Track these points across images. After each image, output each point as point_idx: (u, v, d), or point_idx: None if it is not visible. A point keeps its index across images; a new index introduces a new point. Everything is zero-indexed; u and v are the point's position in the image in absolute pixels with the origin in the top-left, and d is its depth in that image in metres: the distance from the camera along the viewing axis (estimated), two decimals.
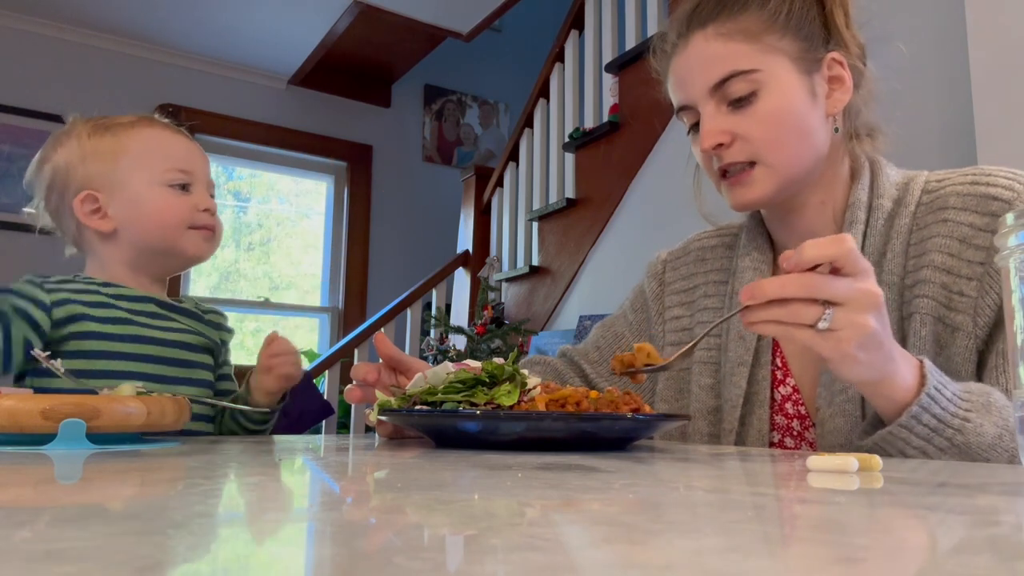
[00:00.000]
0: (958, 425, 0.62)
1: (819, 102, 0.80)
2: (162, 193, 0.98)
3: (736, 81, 0.78)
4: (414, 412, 0.67)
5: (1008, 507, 0.36)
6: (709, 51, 0.80)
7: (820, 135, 0.80)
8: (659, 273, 1.03)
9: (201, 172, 1.03)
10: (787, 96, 0.78)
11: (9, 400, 0.61)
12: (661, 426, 0.71)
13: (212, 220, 1.02)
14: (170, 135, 1.03)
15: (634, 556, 0.23)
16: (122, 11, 3.72)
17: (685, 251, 1.02)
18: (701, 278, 0.97)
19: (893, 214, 0.80)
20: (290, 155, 4.43)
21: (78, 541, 0.24)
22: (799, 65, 0.79)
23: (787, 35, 0.79)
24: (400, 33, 3.94)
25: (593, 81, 3.31)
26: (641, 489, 0.40)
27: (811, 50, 0.80)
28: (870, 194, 0.82)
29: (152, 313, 0.98)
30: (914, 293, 0.75)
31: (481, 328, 3.24)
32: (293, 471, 0.53)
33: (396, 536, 0.27)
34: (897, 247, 0.78)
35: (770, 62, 0.78)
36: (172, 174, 0.99)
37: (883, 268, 0.78)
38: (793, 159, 0.80)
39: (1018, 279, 0.47)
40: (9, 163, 3.56)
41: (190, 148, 1.03)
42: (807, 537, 0.27)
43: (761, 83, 0.78)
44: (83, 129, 0.99)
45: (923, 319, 0.74)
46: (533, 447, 0.64)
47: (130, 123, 1.01)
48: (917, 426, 0.63)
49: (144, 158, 0.99)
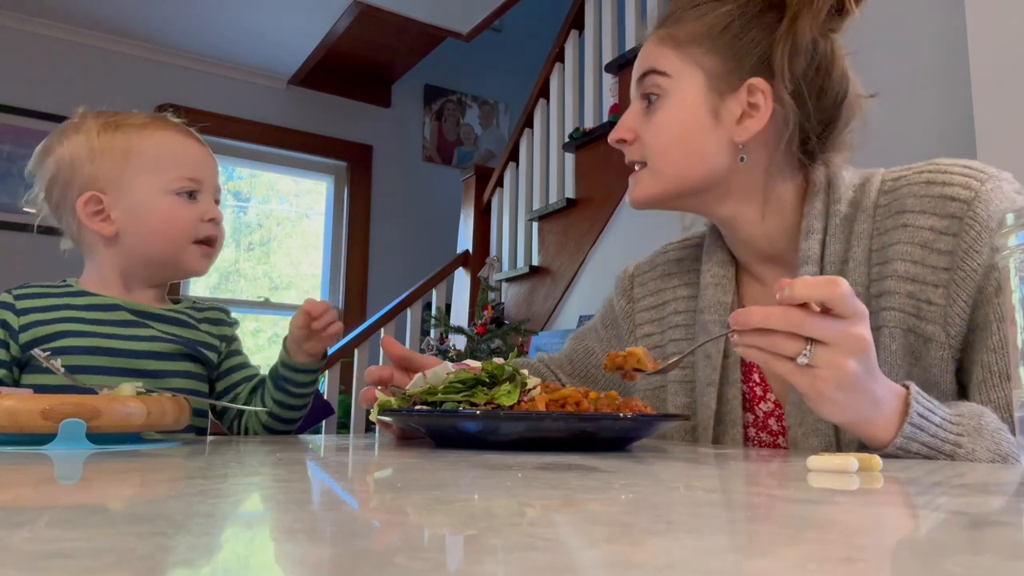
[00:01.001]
0: (949, 451, 0.61)
1: (723, 125, 0.79)
2: (168, 202, 0.96)
3: (649, 79, 0.82)
4: (414, 412, 0.67)
5: (1008, 507, 0.36)
6: (647, 49, 0.84)
7: (714, 156, 0.79)
8: (627, 289, 1.03)
9: (210, 179, 1.00)
10: (684, 111, 0.80)
11: (9, 400, 0.61)
12: (661, 426, 0.71)
13: (216, 231, 1.00)
14: (182, 139, 1.00)
15: (634, 556, 0.23)
16: (122, 11, 3.72)
17: (652, 265, 1.02)
18: (670, 293, 0.96)
19: (851, 218, 0.78)
20: (290, 155, 4.43)
21: (78, 541, 0.24)
22: (711, 83, 0.79)
23: (712, 52, 0.79)
24: (400, 33, 3.94)
25: (593, 81, 3.31)
26: (641, 489, 0.40)
27: (733, 72, 0.78)
28: (826, 200, 0.80)
29: (123, 322, 0.94)
30: (880, 305, 0.73)
31: (481, 328, 3.24)
32: (293, 471, 0.52)
33: (396, 536, 0.27)
34: (859, 254, 0.76)
35: (683, 72, 0.80)
36: (181, 182, 0.96)
37: (847, 277, 0.75)
38: (675, 170, 0.81)
39: (1018, 279, 0.47)
40: (9, 163, 3.56)
41: (201, 154, 1.01)
42: (807, 537, 0.27)
43: (666, 90, 0.81)
44: (93, 124, 0.96)
45: (892, 333, 0.72)
46: (534, 447, 0.64)
47: (142, 123, 0.98)
48: (908, 454, 0.61)
49: (154, 163, 0.96)
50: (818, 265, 0.78)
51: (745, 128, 0.78)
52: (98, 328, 0.92)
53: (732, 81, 0.78)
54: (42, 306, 0.93)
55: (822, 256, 0.78)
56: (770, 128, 0.78)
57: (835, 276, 0.60)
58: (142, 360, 0.93)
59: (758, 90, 0.78)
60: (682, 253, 0.99)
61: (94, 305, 0.95)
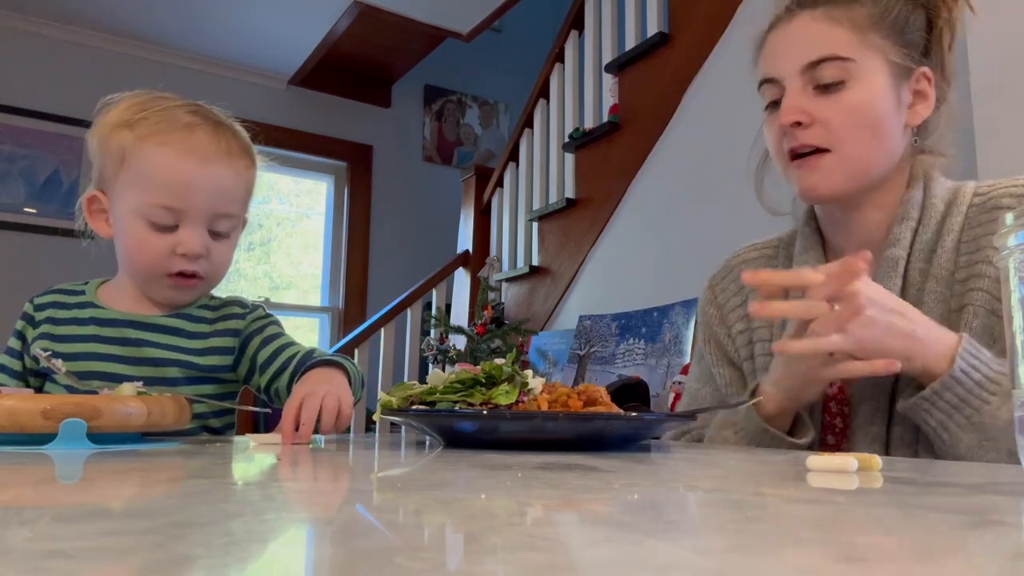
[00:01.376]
0: (977, 405, 0.67)
1: (902, 109, 0.81)
2: (140, 228, 0.87)
3: (830, 65, 0.79)
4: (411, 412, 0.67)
5: (1008, 507, 0.36)
6: (813, 30, 0.81)
7: (895, 141, 0.82)
8: (712, 298, 1.02)
9: (199, 207, 0.88)
10: (874, 94, 0.79)
11: (9, 400, 0.61)
12: (666, 426, 0.71)
13: (192, 267, 0.89)
14: (174, 159, 0.87)
15: (634, 556, 0.23)
16: (122, 11, 3.72)
17: (728, 269, 1.02)
18: (752, 293, 0.96)
19: (945, 214, 0.82)
20: (290, 155, 4.42)
21: (78, 541, 0.24)
22: (892, 68, 0.80)
23: (889, 37, 0.80)
24: (400, 33, 3.93)
25: (593, 81, 3.31)
26: (641, 489, 0.40)
27: (907, 59, 0.81)
28: (923, 194, 0.83)
29: (122, 339, 0.91)
30: (967, 287, 0.77)
31: (481, 328, 3.24)
32: (293, 471, 0.52)
33: (396, 536, 0.27)
34: (948, 244, 0.80)
35: (867, 57, 0.79)
36: (154, 210, 0.86)
37: (933, 263, 0.80)
38: (865, 156, 0.80)
39: (1018, 279, 0.47)
40: (9, 163, 3.56)
41: (196, 177, 0.88)
42: (807, 537, 0.27)
43: (853, 74, 0.79)
44: (115, 116, 0.89)
45: (975, 311, 0.75)
46: (537, 447, 0.64)
47: (148, 131, 0.88)
48: (939, 401, 0.68)
49: (138, 179, 0.87)
50: (907, 249, 0.81)
51: (916, 113, 0.82)
52: (98, 348, 0.91)
53: (907, 67, 0.81)
54: (53, 317, 0.93)
55: (912, 242, 0.81)
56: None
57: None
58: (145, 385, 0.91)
59: (925, 78, 0.82)
60: (756, 254, 1.00)
61: (97, 319, 0.92)
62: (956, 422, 0.68)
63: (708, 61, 2.65)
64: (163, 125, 0.89)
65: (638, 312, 2.70)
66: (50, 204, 3.60)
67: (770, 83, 0.84)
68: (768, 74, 0.84)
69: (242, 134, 0.99)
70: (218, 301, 1.01)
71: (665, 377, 2.38)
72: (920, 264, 0.80)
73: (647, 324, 2.63)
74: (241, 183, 0.94)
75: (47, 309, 0.94)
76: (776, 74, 0.83)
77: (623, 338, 2.70)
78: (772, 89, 0.84)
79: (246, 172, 0.96)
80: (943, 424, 0.69)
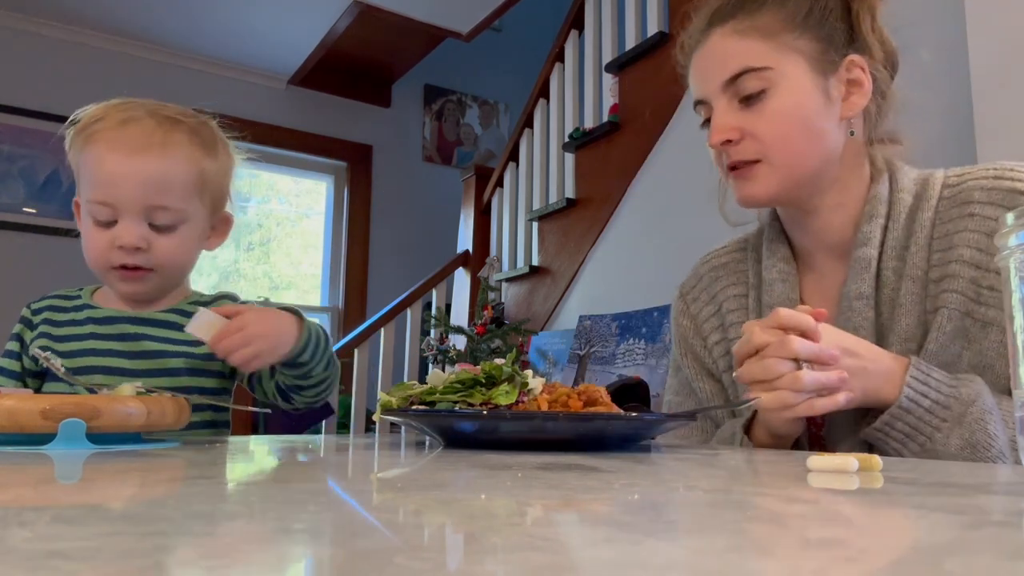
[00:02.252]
0: (928, 432, 0.68)
1: (834, 104, 0.80)
2: (88, 226, 0.91)
3: (748, 78, 0.79)
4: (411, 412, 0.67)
5: (1008, 507, 0.36)
6: (725, 47, 0.81)
7: (832, 137, 0.80)
8: (684, 310, 1.01)
9: (130, 199, 0.88)
10: (798, 96, 0.79)
11: (9, 400, 0.61)
12: (666, 427, 0.71)
13: (133, 259, 0.89)
14: (102, 156, 0.88)
15: (634, 556, 0.23)
16: (122, 11, 3.71)
17: (697, 277, 1.01)
18: (722, 295, 0.96)
19: (914, 208, 0.80)
20: (290, 155, 4.42)
21: (78, 541, 0.24)
22: (814, 65, 0.79)
23: (804, 35, 0.79)
24: (400, 33, 3.93)
25: (593, 81, 3.31)
26: (641, 489, 0.40)
27: (829, 51, 0.79)
28: (889, 189, 0.82)
29: (121, 335, 0.94)
30: (941, 288, 0.76)
31: (481, 328, 3.24)
32: (293, 471, 0.52)
33: (396, 536, 0.27)
34: (920, 240, 0.78)
35: (784, 61, 0.79)
36: (93, 207, 0.89)
37: (906, 262, 0.78)
38: (799, 159, 0.80)
39: (1018, 279, 0.47)
40: (9, 163, 3.56)
41: (121, 172, 0.87)
42: (807, 537, 0.27)
43: (772, 81, 0.78)
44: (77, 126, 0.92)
45: (950, 314, 0.74)
46: (537, 447, 0.64)
47: (90, 133, 0.90)
48: (892, 431, 0.70)
49: (82, 181, 0.92)
50: (878, 248, 0.80)
51: (852, 104, 0.81)
52: (97, 344, 0.93)
53: (832, 60, 0.80)
54: (50, 319, 0.96)
55: (883, 240, 0.80)
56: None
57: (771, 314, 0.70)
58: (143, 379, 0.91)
59: (856, 66, 0.80)
60: (725, 258, 0.99)
61: (93, 319, 0.95)
62: (910, 449, 0.69)
63: None
64: (101, 124, 0.90)
65: (638, 312, 2.70)
66: (50, 204, 3.60)
67: (701, 104, 0.85)
68: (696, 96, 0.86)
69: (203, 126, 0.98)
70: (208, 298, 1.03)
71: (665, 377, 2.38)
72: (893, 263, 0.79)
73: (647, 324, 2.63)
74: (181, 174, 0.92)
75: (44, 312, 0.97)
76: (702, 95, 0.84)
77: (623, 338, 2.70)
78: (705, 108, 0.85)
79: (193, 163, 0.93)
80: (899, 452, 0.70)
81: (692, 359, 0.98)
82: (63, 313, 0.96)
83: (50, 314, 0.96)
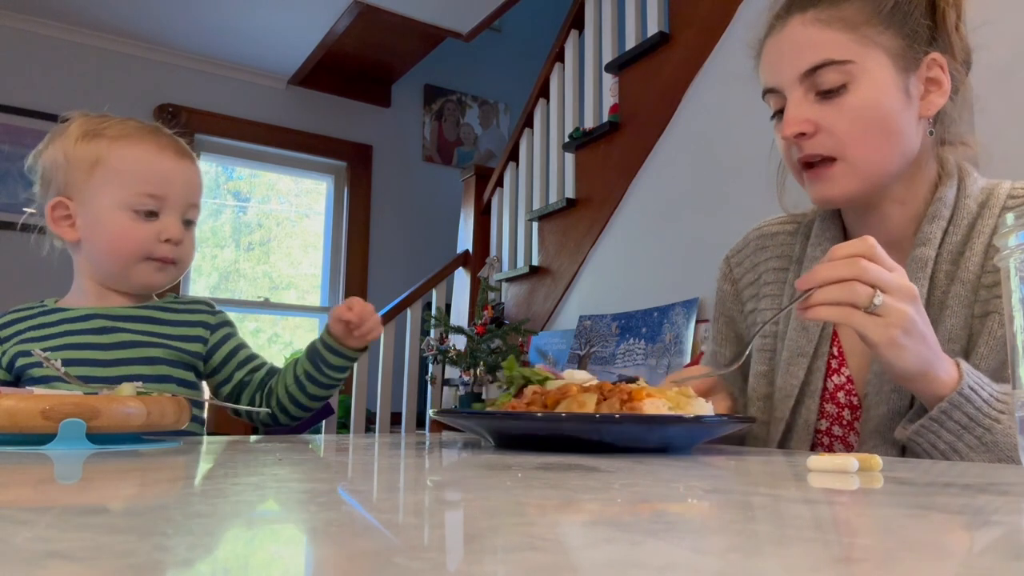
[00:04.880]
0: (988, 424, 0.65)
1: (913, 102, 0.78)
2: (123, 218, 0.95)
3: (828, 70, 0.76)
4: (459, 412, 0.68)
5: (1008, 507, 0.36)
6: (805, 36, 0.78)
7: (910, 136, 0.78)
8: (728, 274, 1.00)
9: (177, 196, 0.98)
10: (879, 92, 0.76)
11: (9, 400, 0.61)
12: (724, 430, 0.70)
13: (172, 252, 0.98)
14: (153, 154, 0.98)
15: (634, 556, 0.23)
16: (122, 11, 3.71)
17: (745, 242, 1.00)
18: (763, 266, 0.95)
19: (977, 216, 0.79)
20: (290, 155, 4.42)
21: (78, 541, 0.24)
22: (896, 62, 0.77)
23: (889, 29, 0.76)
24: (400, 33, 3.93)
25: (593, 81, 3.31)
26: (641, 489, 0.40)
27: (912, 48, 0.77)
28: (957, 194, 0.80)
29: (98, 329, 0.96)
30: (993, 293, 0.74)
31: (481, 328, 3.24)
32: (293, 471, 0.52)
33: (396, 536, 0.27)
34: (977, 247, 0.77)
35: (866, 55, 0.76)
36: (140, 198, 0.96)
37: (960, 266, 0.77)
38: (876, 158, 0.77)
39: (1018, 279, 0.47)
40: (9, 163, 3.56)
41: (172, 170, 0.99)
42: (807, 537, 0.27)
43: (853, 76, 0.76)
44: (75, 130, 0.98)
45: (1001, 319, 0.73)
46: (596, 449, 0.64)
47: (119, 134, 0.98)
48: (948, 421, 0.66)
49: (117, 176, 0.96)
50: (936, 249, 0.78)
51: (931, 103, 0.79)
52: (74, 339, 0.95)
53: (914, 57, 0.77)
54: (19, 330, 0.98)
55: (941, 242, 0.79)
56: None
57: (864, 236, 0.65)
58: (117, 368, 0.94)
59: (936, 64, 0.78)
60: (777, 228, 0.97)
61: (66, 319, 0.97)
62: (967, 443, 0.65)
63: (708, 61, 2.65)
64: (130, 130, 0.99)
65: (638, 312, 2.70)
66: None
67: (772, 93, 0.82)
68: (768, 84, 0.82)
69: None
70: (186, 299, 1.08)
71: (665, 377, 2.39)
72: (947, 266, 0.78)
73: (647, 324, 2.63)
74: (200, 181, 1.05)
75: (7, 327, 0.99)
76: (775, 84, 0.81)
77: (623, 338, 2.70)
78: (775, 98, 0.82)
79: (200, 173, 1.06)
80: (952, 446, 0.66)
81: (725, 323, 0.98)
82: (30, 320, 0.99)
83: (15, 327, 0.99)
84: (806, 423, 0.83)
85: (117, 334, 0.96)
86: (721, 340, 0.98)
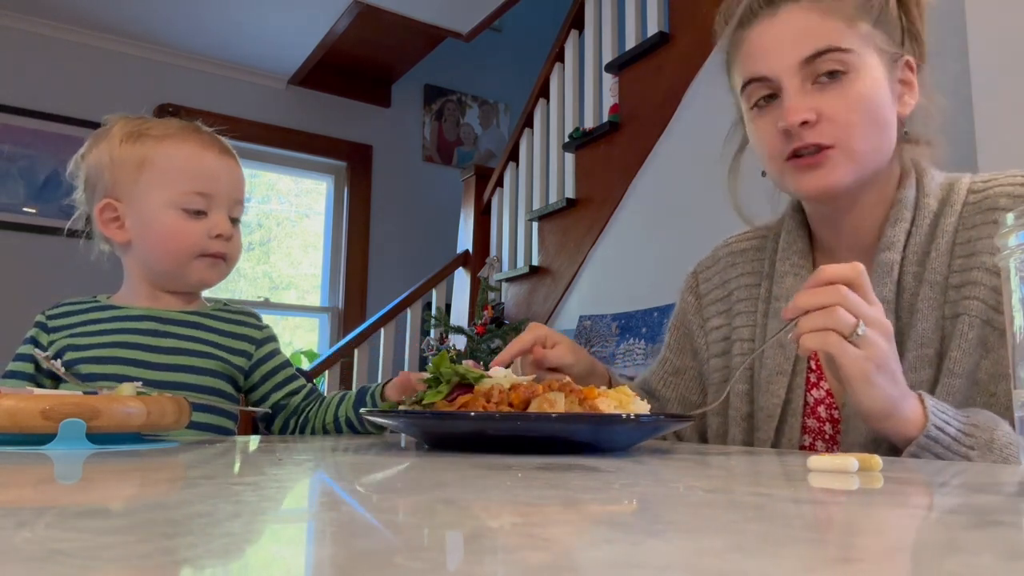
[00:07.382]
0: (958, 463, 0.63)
1: (895, 101, 0.79)
2: (174, 217, 0.96)
3: (830, 57, 0.75)
4: (395, 413, 0.67)
5: (1008, 507, 0.36)
6: (805, 23, 0.77)
7: (893, 134, 0.79)
8: (694, 287, 1.01)
9: (224, 193, 0.99)
10: (875, 84, 0.76)
11: (9, 400, 0.61)
12: (665, 428, 0.70)
13: (224, 248, 0.99)
14: (199, 152, 0.99)
15: (634, 556, 0.23)
16: (122, 11, 3.71)
17: (715, 259, 1.00)
18: (734, 283, 0.95)
19: (938, 214, 0.79)
20: (290, 155, 4.42)
21: (78, 541, 0.24)
22: (883, 58, 0.77)
23: (877, 27, 0.77)
24: (400, 33, 3.93)
25: (593, 81, 3.31)
26: (641, 489, 0.40)
27: (892, 46, 0.78)
28: (916, 193, 0.80)
29: (151, 331, 0.96)
30: (962, 294, 0.74)
31: (481, 328, 3.24)
32: (293, 471, 0.52)
33: (396, 536, 0.27)
34: (942, 246, 0.77)
35: (862, 47, 0.76)
36: (189, 197, 0.97)
37: (926, 267, 0.77)
38: (871, 150, 0.77)
39: (1018, 279, 0.47)
40: (9, 163, 3.56)
41: (217, 167, 1.00)
42: (807, 537, 0.27)
43: (853, 66, 0.75)
44: (118, 132, 0.98)
45: (971, 321, 0.72)
46: (528, 449, 0.64)
47: (163, 134, 0.99)
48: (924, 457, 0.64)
49: (164, 175, 0.97)
50: (900, 252, 0.78)
51: (906, 104, 0.80)
52: (126, 338, 0.95)
53: (895, 57, 0.78)
54: (71, 323, 0.98)
55: (906, 244, 0.79)
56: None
57: (854, 262, 0.64)
58: (170, 373, 0.94)
59: (907, 67, 0.80)
60: (745, 244, 0.98)
61: (119, 317, 0.98)
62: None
63: (708, 61, 2.65)
64: (173, 129, 1.00)
65: (638, 312, 2.70)
66: (50, 204, 3.60)
67: (759, 82, 0.79)
68: (758, 72, 0.79)
69: None
70: (234, 308, 1.08)
71: None
72: (913, 268, 0.77)
73: (647, 324, 2.63)
74: (243, 177, 1.06)
75: (60, 318, 0.99)
76: (768, 72, 0.78)
77: (623, 338, 2.70)
78: (760, 87, 0.80)
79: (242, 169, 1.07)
80: None
81: (680, 334, 0.99)
82: (82, 315, 0.98)
83: (68, 319, 0.98)
84: (790, 441, 0.83)
85: (168, 339, 0.96)
86: (675, 348, 0.99)
